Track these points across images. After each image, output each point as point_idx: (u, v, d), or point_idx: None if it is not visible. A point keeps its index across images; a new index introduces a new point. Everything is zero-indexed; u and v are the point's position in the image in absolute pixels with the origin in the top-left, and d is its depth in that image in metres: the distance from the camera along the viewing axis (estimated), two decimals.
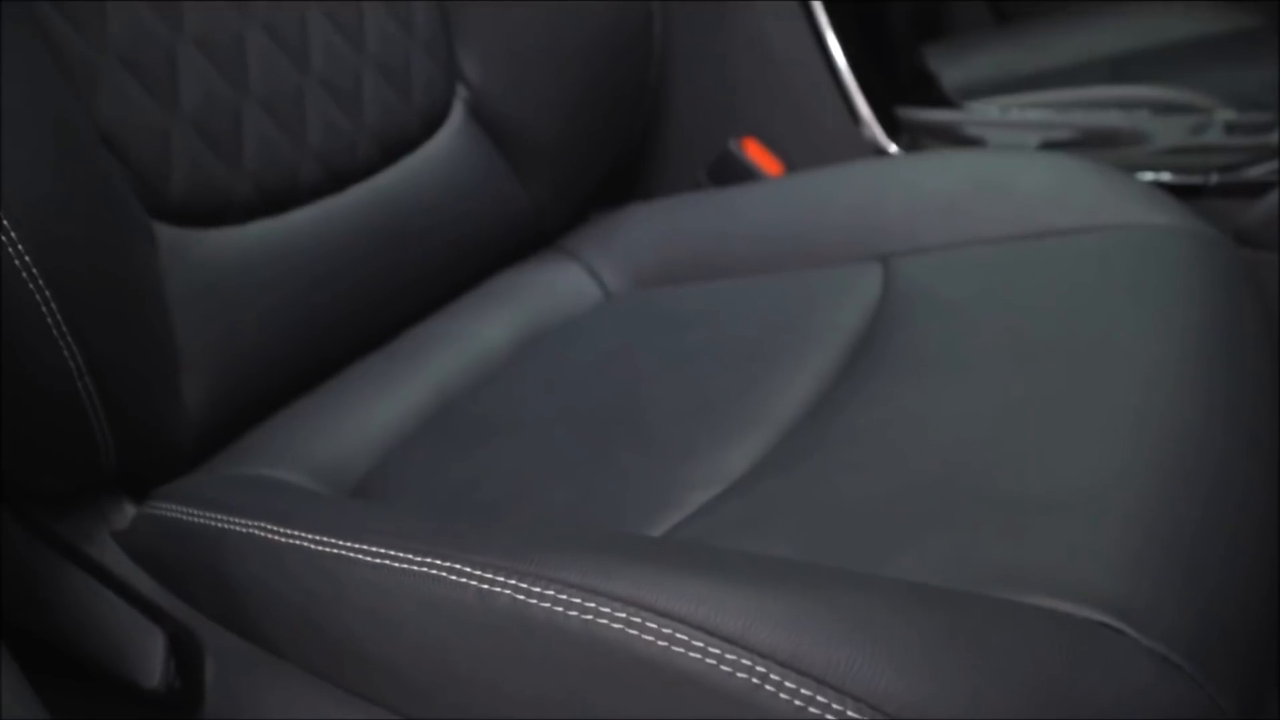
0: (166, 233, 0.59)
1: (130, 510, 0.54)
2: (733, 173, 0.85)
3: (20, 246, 0.43)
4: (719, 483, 0.51)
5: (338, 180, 0.69)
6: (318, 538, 0.42)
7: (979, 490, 0.44)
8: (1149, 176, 0.79)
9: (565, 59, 0.79)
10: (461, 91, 0.78)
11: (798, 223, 0.78)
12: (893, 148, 0.84)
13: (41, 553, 0.52)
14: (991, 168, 0.75)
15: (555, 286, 0.81)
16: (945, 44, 1.42)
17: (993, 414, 0.49)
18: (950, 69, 1.33)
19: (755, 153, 0.85)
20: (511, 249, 0.83)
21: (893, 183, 0.77)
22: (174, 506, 0.51)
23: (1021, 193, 0.72)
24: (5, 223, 0.42)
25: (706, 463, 0.52)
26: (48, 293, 0.44)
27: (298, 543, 0.43)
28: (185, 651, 0.49)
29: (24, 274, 0.43)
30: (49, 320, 0.44)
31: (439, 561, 0.38)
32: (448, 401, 0.69)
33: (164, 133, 0.59)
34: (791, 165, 0.85)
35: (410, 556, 0.39)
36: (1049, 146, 0.87)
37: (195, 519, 0.49)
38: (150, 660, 0.49)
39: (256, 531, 0.45)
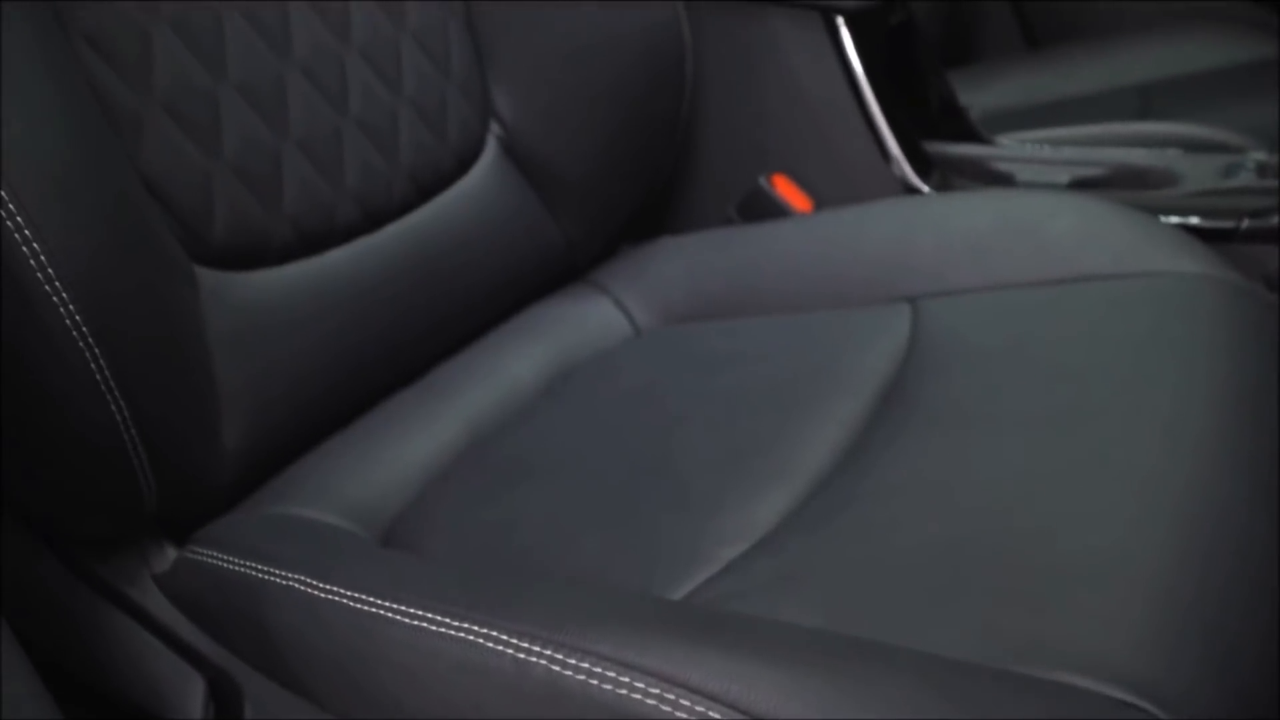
0: (207, 276, 0.60)
1: (171, 553, 0.55)
2: (763, 209, 0.86)
3: (73, 307, 0.44)
4: (748, 538, 0.51)
5: (373, 220, 0.70)
6: (356, 595, 0.43)
7: (1005, 557, 0.44)
8: (1178, 220, 0.79)
9: (597, 96, 0.80)
10: (495, 128, 0.79)
11: (827, 261, 0.79)
12: (922, 186, 0.85)
13: (83, 594, 0.54)
14: (1020, 210, 0.75)
15: (585, 321, 0.82)
16: (974, 68, 1.42)
17: (1019, 476, 0.50)
18: (979, 93, 1.33)
19: (785, 189, 0.86)
20: (542, 282, 0.84)
21: (921, 223, 0.77)
22: (213, 553, 0.52)
23: (1050, 236, 0.73)
24: (58, 284, 0.43)
25: (735, 516, 0.53)
26: (97, 350, 0.45)
27: (336, 599, 0.44)
28: (224, 697, 0.50)
29: (74, 333, 0.44)
30: (98, 378, 0.45)
31: (475, 627, 0.39)
32: (479, 438, 0.70)
33: (206, 178, 0.60)
34: (821, 202, 0.86)
35: (447, 620, 0.40)
36: (1078, 185, 0.87)
37: (234, 567, 0.50)
38: (189, 704, 0.50)
39: (295, 585, 0.46)
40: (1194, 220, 0.78)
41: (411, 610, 0.41)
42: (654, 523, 0.54)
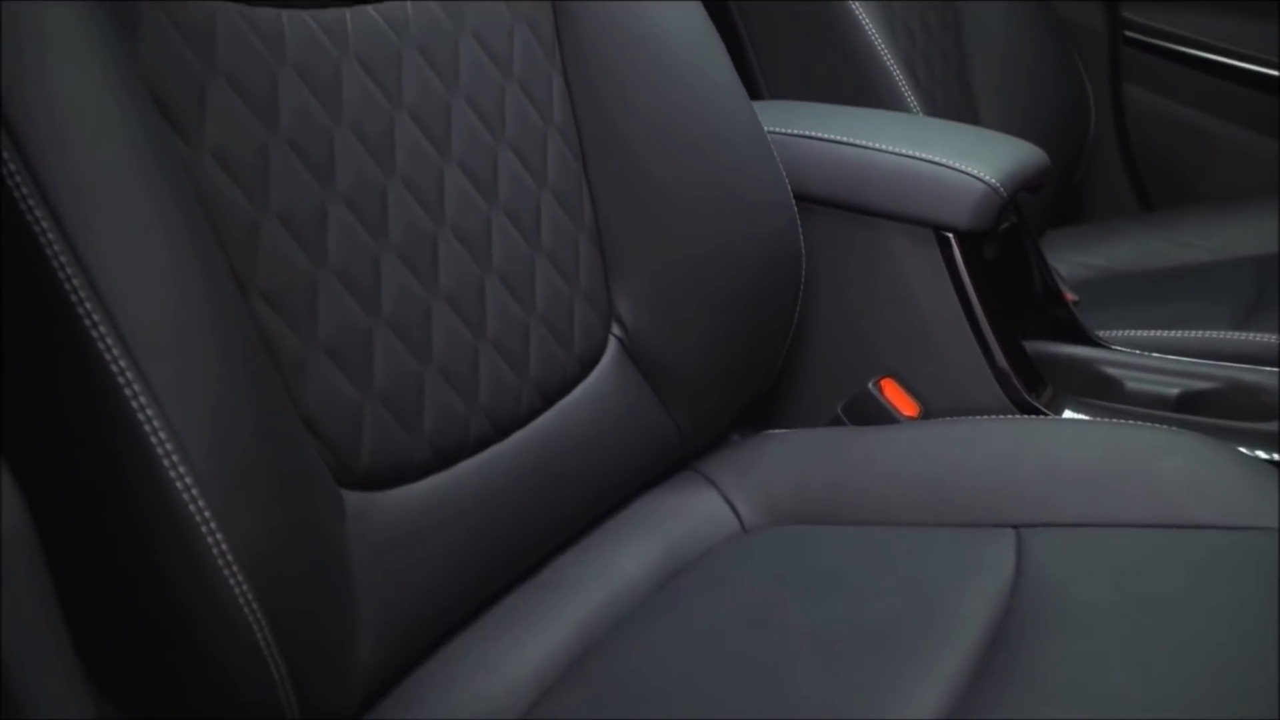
0: (353, 499, 0.65)
1: None
2: (869, 412, 0.88)
3: (245, 586, 0.49)
4: None
5: (501, 430, 0.74)
6: None
7: None
8: None
9: (715, 299, 0.84)
10: (615, 329, 0.83)
11: (932, 475, 0.81)
12: (1033, 402, 0.86)
13: None
14: (1130, 444, 0.76)
15: (693, 515, 0.85)
16: (1085, 227, 1.43)
17: None
18: (1089, 255, 1.34)
19: (893, 394, 0.88)
20: (653, 473, 0.87)
21: (1029, 448, 0.79)
22: None
23: (1159, 476, 0.74)
24: (235, 567, 0.48)
25: None
26: (264, 621, 0.50)
27: None
28: None
29: (246, 609, 0.49)
30: (261, 643, 0.50)
31: None
32: (590, 643, 0.73)
33: (358, 410, 0.65)
34: (928, 409, 0.88)
35: None
36: (1188, 399, 0.88)
37: None
38: None
39: None
40: None
41: None
42: None
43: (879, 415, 0.88)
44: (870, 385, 0.88)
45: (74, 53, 0.53)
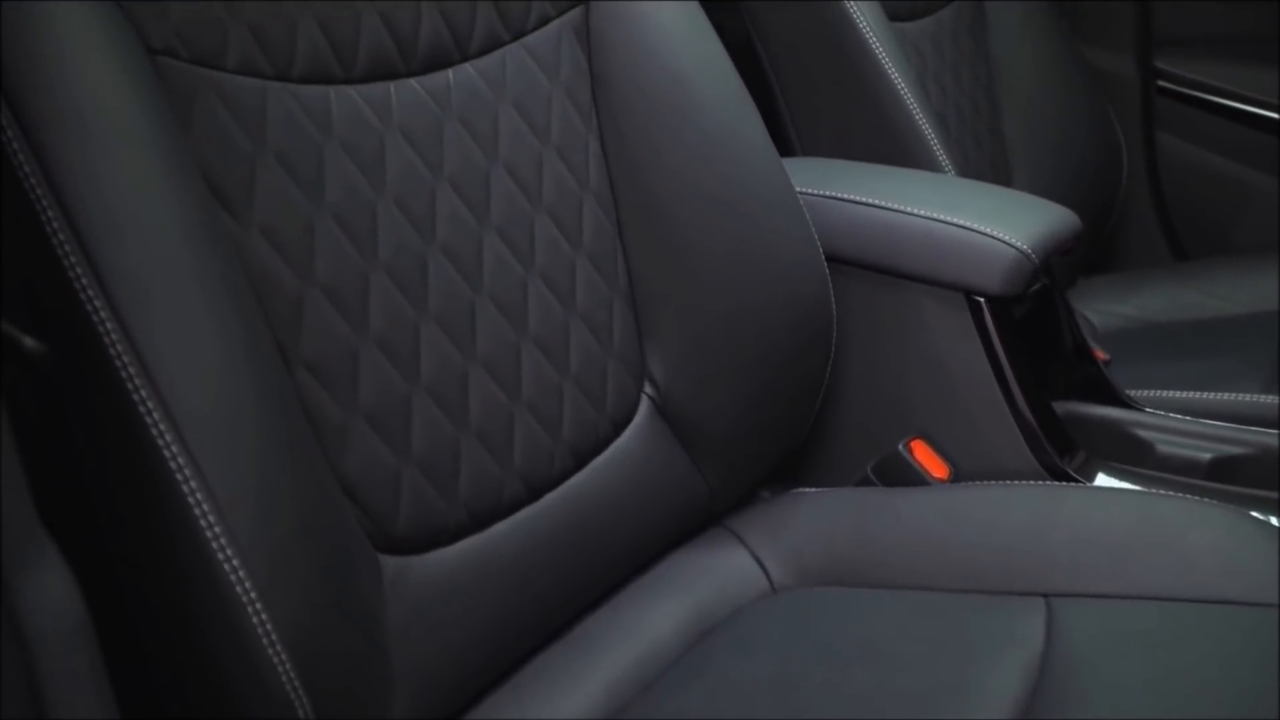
0: (389, 564, 0.66)
1: None
2: (899, 473, 0.89)
3: (289, 664, 0.50)
4: None
5: (535, 492, 0.75)
6: None
7: None
8: None
9: (746, 360, 0.85)
10: (648, 389, 0.84)
11: (962, 540, 0.81)
12: (1063, 467, 0.87)
13: None
14: (1162, 515, 0.76)
15: (722, 574, 0.86)
16: (1116, 276, 1.43)
17: None
18: (1120, 304, 1.33)
19: (923, 456, 0.89)
20: (683, 530, 0.88)
21: (1060, 515, 0.79)
22: None
23: (1191, 549, 0.74)
24: (279, 645, 0.49)
25: None
26: (305, 697, 0.51)
27: None
28: None
29: (288, 687, 0.50)
30: (300, 714, 0.51)
31: None
32: (619, 706, 0.74)
33: (396, 476, 0.66)
34: (959, 471, 0.89)
35: None
36: (1220, 465, 0.87)
37: None
38: None
39: None
40: None
41: None
42: None
43: (909, 476, 0.89)
44: (900, 446, 0.89)
45: (128, 138, 0.55)
